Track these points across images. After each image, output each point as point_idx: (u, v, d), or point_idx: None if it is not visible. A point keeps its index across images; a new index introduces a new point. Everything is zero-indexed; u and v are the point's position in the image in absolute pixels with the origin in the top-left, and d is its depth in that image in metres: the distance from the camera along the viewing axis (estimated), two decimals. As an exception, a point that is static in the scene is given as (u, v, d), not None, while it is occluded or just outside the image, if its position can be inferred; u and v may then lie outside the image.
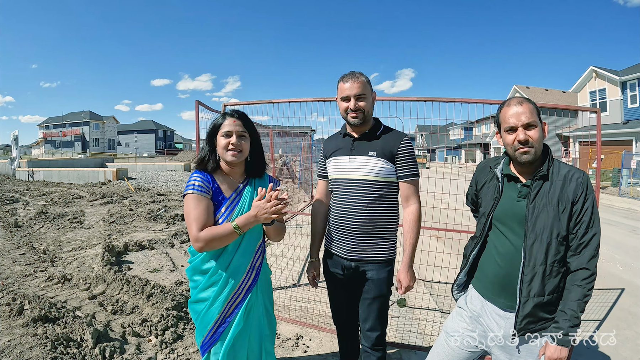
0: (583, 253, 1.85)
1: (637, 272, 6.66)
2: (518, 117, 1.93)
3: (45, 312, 4.04)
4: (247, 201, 2.27)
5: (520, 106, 1.94)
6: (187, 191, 2.17)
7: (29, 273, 5.72)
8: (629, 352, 3.97)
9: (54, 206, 12.30)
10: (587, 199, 1.88)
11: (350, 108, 2.47)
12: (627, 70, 28.06)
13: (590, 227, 1.86)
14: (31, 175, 23.44)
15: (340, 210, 2.55)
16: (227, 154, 2.21)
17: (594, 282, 1.84)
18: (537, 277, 1.89)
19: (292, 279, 5.67)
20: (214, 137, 2.27)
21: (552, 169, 1.96)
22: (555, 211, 1.89)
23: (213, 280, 2.22)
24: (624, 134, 26.69)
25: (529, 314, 1.91)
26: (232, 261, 2.22)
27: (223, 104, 4.63)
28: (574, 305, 1.82)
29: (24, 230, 8.82)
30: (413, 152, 2.57)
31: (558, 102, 38.12)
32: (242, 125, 2.26)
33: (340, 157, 2.61)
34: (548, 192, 1.92)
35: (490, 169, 2.22)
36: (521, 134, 1.93)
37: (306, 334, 4.04)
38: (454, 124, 58.97)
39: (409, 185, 2.53)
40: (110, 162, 35.45)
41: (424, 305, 4.85)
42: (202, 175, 2.22)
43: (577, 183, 1.89)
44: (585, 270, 1.84)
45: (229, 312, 2.24)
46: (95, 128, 78.07)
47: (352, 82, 2.47)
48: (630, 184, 20.09)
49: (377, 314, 2.57)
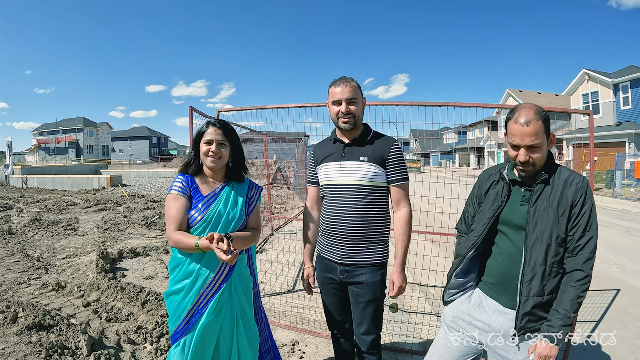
0: (579, 255, 1.90)
1: (632, 272, 6.69)
2: (522, 137, 1.92)
3: (40, 320, 4.01)
4: (223, 201, 2.46)
5: (527, 127, 1.90)
6: (169, 192, 2.41)
7: (23, 280, 5.69)
8: (625, 352, 3.98)
9: (48, 213, 12.24)
10: (585, 203, 1.92)
11: (342, 112, 2.49)
12: (620, 72, 28.28)
13: (587, 230, 1.90)
14: (25, 182, 23.34)
15: (332, 216, 2.57)
16: (207, 160, 2.43)
17: (589, 284, 1.89)
18: (537, 277, 1.94)
19: (287, 284, 5.66)
20: (198, 143, 2.47)
21: (554, 174, 2.00)
22: (555, 214, 1.93)
23: (187, 272, 2.36)
24: (617, 136, 26.88)
25: (528, 312, 1.95)
26: (206, 254, 2.35)
27: (217, 110, 4.63)
28: (567, 305, 1.87)
29: (18, 237, 8.75)
30: (403, 156, 2.61)
31: (551, 105, 38.30)
32: (222, 135, 2.45)
33: (332, 162, 2.62)
34: (549, 196, 1.96)
35: (493, 170, 2.27)
36: (522, 156, 1.94)
37: (302, 339, 4.03)
38: (447, 128, 59.25)
39: (399, 189, 2.57)
40: (104, 168, 35.40)
41: (419, 309, 4.85)
42: (183, 177, 2.45)
43: (576, 187, 1.93)
44: (580, 272, 1.88)
45: (202, 304, 2.36)
46: (89, 135, 77.66)
47: (343, 86, 2.49)
48: (623, 185, 20.22)
49: (372, 317, 2.58)
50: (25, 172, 25.79)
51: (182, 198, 2.37)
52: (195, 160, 2.49)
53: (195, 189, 2.44)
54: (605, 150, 25.15)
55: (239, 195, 2.55)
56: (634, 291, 5.78)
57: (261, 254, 7.32)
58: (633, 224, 11.67)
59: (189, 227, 2.38)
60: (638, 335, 4.36)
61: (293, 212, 12.52)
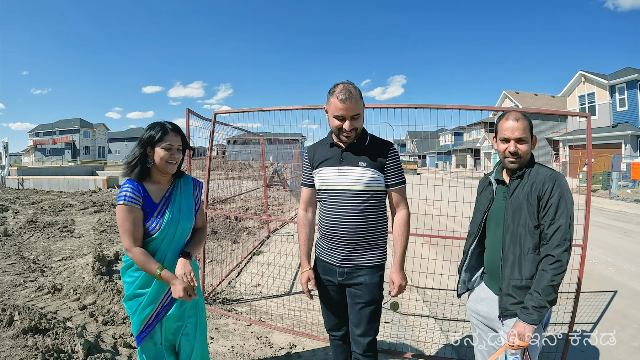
0: (550, 242, 2.11)
1: (629, 274, 6.71)
2: (512, 131, 2.26)
3: (36, 323, 3.99)
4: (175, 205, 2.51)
5: (516, 122, 2.26)
6: (119, 201, 2.34)
7: (18, 283, 5.65)
8: (623, 354, 3.98)
9: (44, 215, 12.18)
10: (552, 194, 2.14)
11: (345, 128, 2.43)
12: (616, 74, 28.40)
13: (556, 218, 2.11)
14: (21, 184, 23.23)
15: (331, 221, 2.56)
16: (168, 166, 2.43)
17: (562, 269, 2.07)
18: (513, 262, 2.22)
19: (285, 287, 5.65)
20: (150, 147, 2.42)
21: (529, 171, 2.28)
22: (527, 204, 2.20)
23: (149, 277, 2.41)
24: (613, 137, 26.98)
25: (508, 294, 2.22)
26: (166, 258, 2.43)
27: (214, 112, 4.63)
28: (539, 288, 2.07)
29: (14, 239, 8.70)
30: (400, 160, 2.64)
31: (547, 106, 38.46)
32: (180, 140, 2.49)
33: (329, 167, 2.59)
34: (522, 189, 2.24)
35: (485, 176, 2.60)
36: (512, 147, 2.26)
37: (299, 342, 4.02)
38: (444, 130, 59.38)
39: (398, 193, 2.60)
40: (100, 170, 35.26)
41: (417, 312, 4.84)
42: (133, 186, 2.38)
43: (544, 180, 2.18)
44: (550, 257, 2.08)
45: (165, 304, 2.48)
46: (86, 136, 77.67)
47: (349, 103, 2.38)
48: (620, 186, 20.29)
49: (369, 318, 2.57)
50: (21, 173, 25.66)
51: (136, 209, 2.35)
52: (141, 164, 2.41)
53: (147, 197, 2.42)
54: (602, 151, 25.24)
55: (188, 196, 2.59)
56: (631, 293, 5.79)
57: (258, 257, 7.31)
58: (630, 225, 11.70)
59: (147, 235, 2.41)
60: (636, 337, 4.37)
61: (290, 214, 12.50)
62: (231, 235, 8.64)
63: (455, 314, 4.77)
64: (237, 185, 10.53)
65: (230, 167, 16.83)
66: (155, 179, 2.50)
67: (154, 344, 2.52)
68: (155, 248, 2.42)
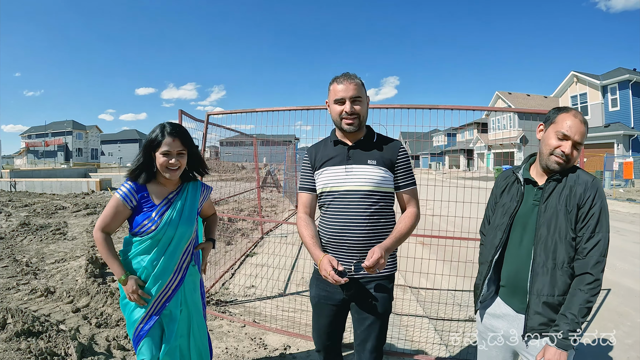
0: (587, 257, 1.86)
1: (622, 272, 6.76)
2: (576, 132, 1.95)
3: (29, 326, 3.96)
4: (176, 210, 2.46)
5: (582, 124, 1.96)
6: (116, 192, 2.39)
7: (11, 286, 5.62)
8: (617, 351, 4.01)
9: (37, 217, 12.12)
10: (594, 203, 1.89)
11: (346, 111, 2.27)
12: (608, 74, 28.64)
13: (596, 231, 1.87)
14: (13, 186, 23.12)
15: (338, 226, 2.32)
16: (167, 171, 2.38)
17: (599, 288, 1.85)
18: (545, 276, 1.93)
19: (279, 288, 5.65)
20: (152, 151, 2.39)
21: (569, 173, 2.00)
22: (564, 212, 1.92)
23: (142, 279, 2.40)
24: (606, 137, 27.17)
25: (537, 312, 1.94)
26: (161, 262, 2.41)
27: (207, 113, 4.62)
28: (576, 310, 1.83)
29: (6, 242, 8.65)
30: (410, 160, 2.46)
31: (540, 107, 38.46)
32: (181, 144, 2.39)
33: (335, 167, 2.37)
34: (559, 194, 1.96)
35: (512, 173, 2.24)
36: (568, 147, 1.96)
37: (293, 343, 4.02)
38: (437, 131, 59.49)
39: (410, 194, 2.40)
40: (93, 172, 35.08)
41: (411, 312, 4.85)
42: (133, 187, 2.38)
43: (585, 186, 1.92)
44: (589, 275, 1.84)
45: (157, 309, 2.43)
46: (79, 138, 77.24)
47: (347, 84, 2.28)
48: (612, 186, 20.46)
49: (378, 333, 2.35)
50: (13, 175, 25.49)
51: (126, 209, 2.37)
52: (146, 168, 2.40)
53: (146, 198, 2.40)
54: (594, 151, 25.42)
55: (193, 202, 2.56)
56: (624, 291, 5.83)
57: (252, 258, 7.31)
58: (622, 224, 11.79)
59: (142, 234, 2.39)
60: (629, 334, 4.40)
61: (283, 215, 12.50)
62: (225, 236, 8.62)
63: (449, 314, 4.79)
64: (230, 187, 10.52)
65: (224, 168, 16.81)
66: (161, 181, 2.47)
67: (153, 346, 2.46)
68: (150, 250, 2.40)
